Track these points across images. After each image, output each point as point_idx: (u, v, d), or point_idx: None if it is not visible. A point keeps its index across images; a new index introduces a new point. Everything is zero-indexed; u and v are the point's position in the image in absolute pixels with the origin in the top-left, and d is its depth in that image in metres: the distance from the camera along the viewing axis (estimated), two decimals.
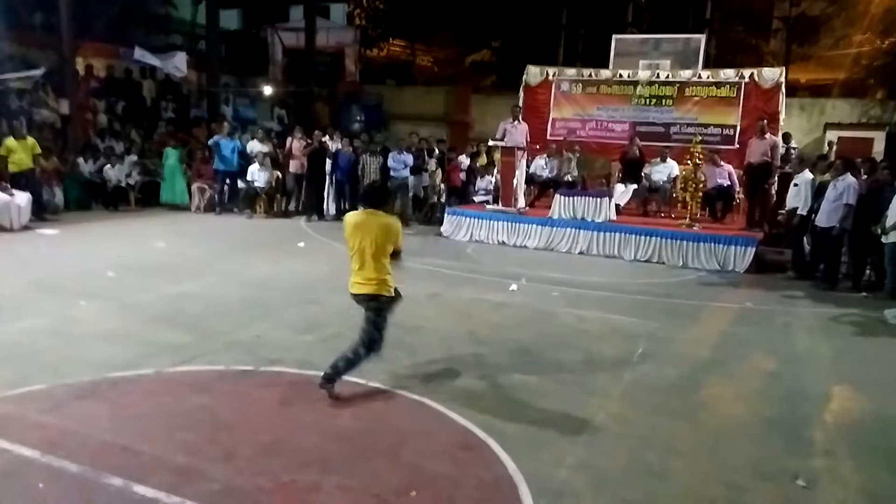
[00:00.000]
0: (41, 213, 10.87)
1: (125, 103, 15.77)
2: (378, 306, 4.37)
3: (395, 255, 4.39)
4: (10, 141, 10.66)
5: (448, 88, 22.22)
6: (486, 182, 12.72)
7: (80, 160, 12.76)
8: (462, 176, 13.28)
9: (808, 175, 9.14)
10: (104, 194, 12.62)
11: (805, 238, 9.14)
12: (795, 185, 9.25)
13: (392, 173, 12.33)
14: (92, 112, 14.55)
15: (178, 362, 4.84)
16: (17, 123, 11.41)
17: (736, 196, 11.39)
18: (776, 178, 10.95)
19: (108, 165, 12.56)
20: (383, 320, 4.42)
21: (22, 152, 10.67)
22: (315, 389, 4.38)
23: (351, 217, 4.45)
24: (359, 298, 4.41)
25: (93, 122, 14.37)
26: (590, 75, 13.33)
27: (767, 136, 10.54)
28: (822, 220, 8.52)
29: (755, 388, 5.04)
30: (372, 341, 4.39)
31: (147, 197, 13.41)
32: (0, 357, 4.79)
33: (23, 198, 10.13)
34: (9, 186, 10.14)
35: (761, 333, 6.49)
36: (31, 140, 10.96)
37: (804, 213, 8.95)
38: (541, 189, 12.46)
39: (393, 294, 4.41)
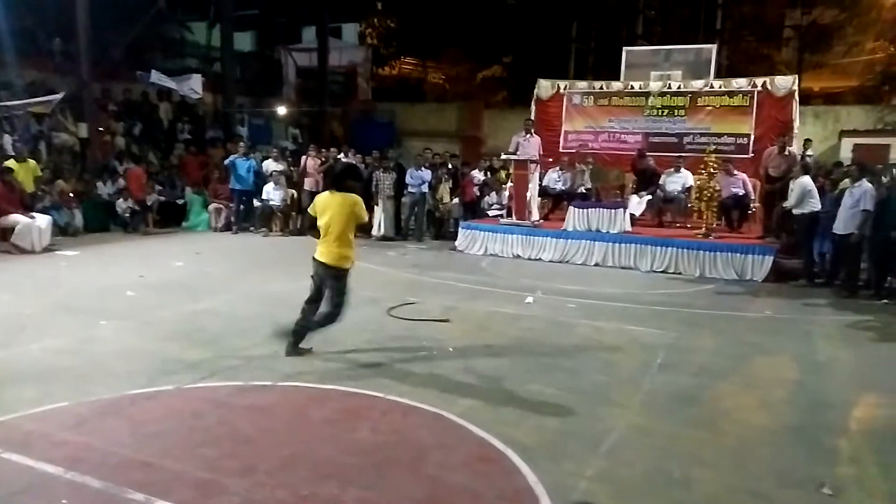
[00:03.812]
0: (61, 234, 11.04)
1: (142, 126, 16.02)
2: (337, 276, 5.17)
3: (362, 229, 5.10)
4: (12, 162, 10.81)
5: (460, 104, 22.37)
6: (501, 196, 12.73)
7: (99, 183, 12.95)
8: (476, 191, 13.32)
9: (802, 180, 9.09)
10: (122, 217, 12.76)
11: (815, 245, 9.11)
12: (791, 189, 9.23)
13: (409, 189, 12.40)
14: (110, 135, 14.77)
15: (197, 379, 4.87)
16: (20, 146, 11.58)
17: (751, 205, 11.32)
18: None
19: (121, 199, 12.66)
20: (343, 287, 5.22)
21: (23, 174, 10.79)
22: (332, 402, 4.40)
23: (320, 197, 5.32)
24: (321, 267, 5.22)
25: (111, 144, 14.59)
26: (601, 87, 13.39)
27: (787, 152, 10.45)
28: (839, 226, 8.44)
29: (778, 396, 4.98)
30: (337, 306, 5.22)
31: (165, 217, 13.56)
32: (23, 375, 4.85)
33: (43, 220, 10.28)
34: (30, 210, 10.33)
35: (782, 342, 6.42)
36: (32, 163, 11.12)
37: (788, 207, 9.19)
38: (554, 202, 12.47)
39: (350, 266, 5.21)
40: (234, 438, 3.94)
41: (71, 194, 12.01)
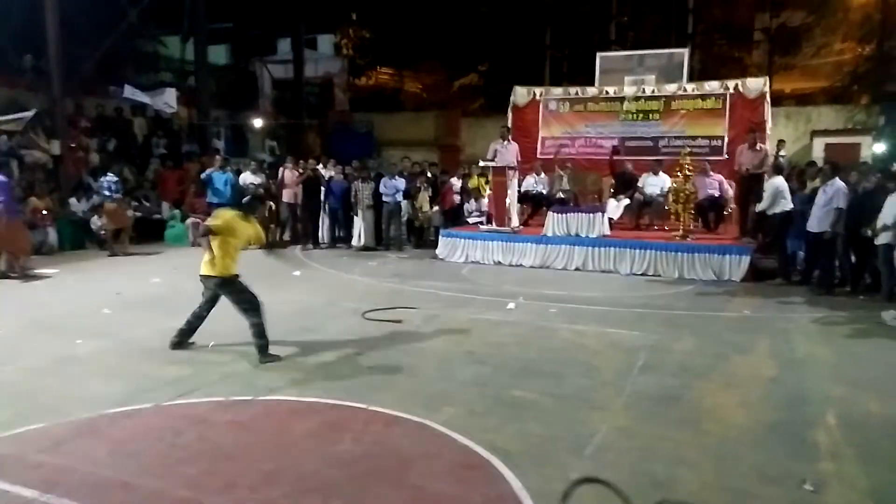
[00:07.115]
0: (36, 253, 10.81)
1: (116, 141, 15.82)
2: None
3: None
4: None
5: (437, 113, 22.42)
6: (481, 203, 12.75)
7: (73, 200, 12.77)
8: (456, 198, 13.32)
9: (774, 181, 9.24)
10: (98, 235, 12.54)
11: (789, 243, 9.25)
12: (765, 190, 9.42)
13: (384, 198, 12.37)
14: (84, 151, 14.58)
15: (176, 395, 4.80)
16: None
17: (728, 206, 11.44)
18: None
19: (95, 217, 12.44)
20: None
21: None
22: (314, 414, 4.37)
23: (230, 215, 5.80)
24: (223, 279, 5.81)
25: (84, 161, 14.40)
26: (576, 93, 13.48)
27: (759, 147, 10.60)
28: (813, 225, 8.56)
29: (757, 394, 5.02)
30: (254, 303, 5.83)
31: (142, 233, 13.37)
32: None
33: None
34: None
35: (760, 340, 6.49)
36: None
37: (762, 210, 9.38)
38: (534, 207, 12.52)
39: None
40: (214, 455, 3.89)
41: (45, 212, 11.82)
